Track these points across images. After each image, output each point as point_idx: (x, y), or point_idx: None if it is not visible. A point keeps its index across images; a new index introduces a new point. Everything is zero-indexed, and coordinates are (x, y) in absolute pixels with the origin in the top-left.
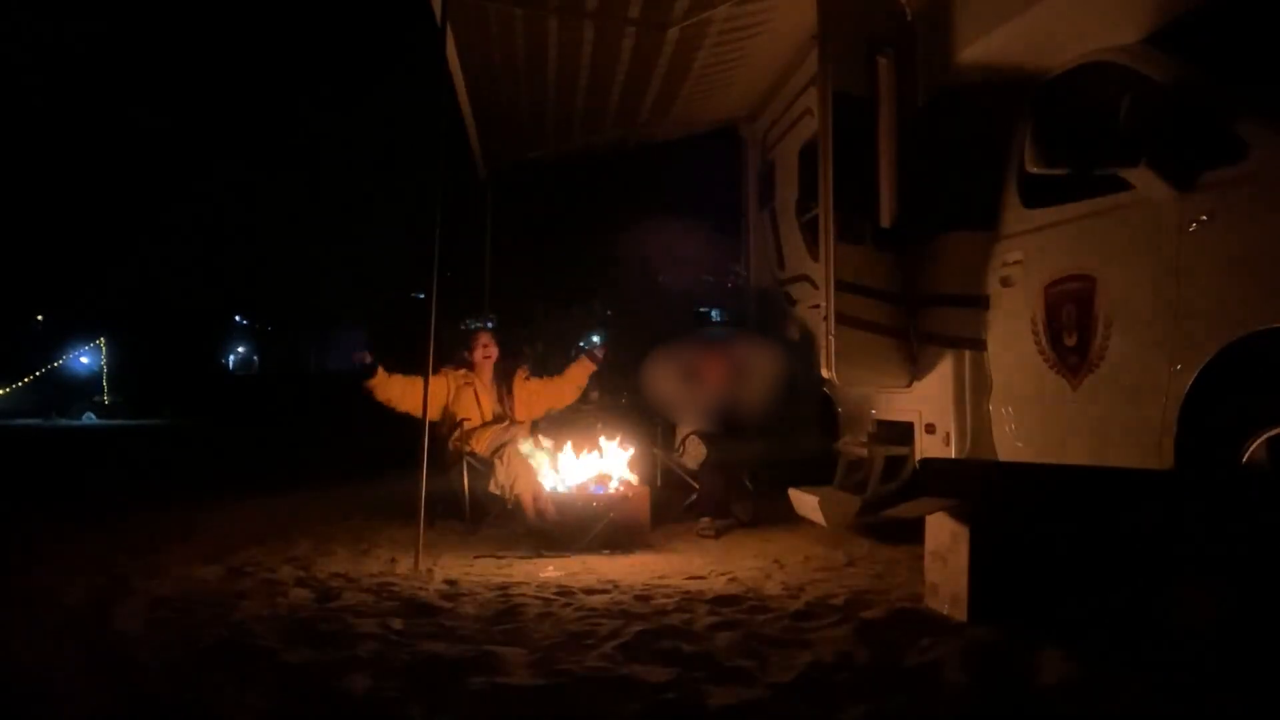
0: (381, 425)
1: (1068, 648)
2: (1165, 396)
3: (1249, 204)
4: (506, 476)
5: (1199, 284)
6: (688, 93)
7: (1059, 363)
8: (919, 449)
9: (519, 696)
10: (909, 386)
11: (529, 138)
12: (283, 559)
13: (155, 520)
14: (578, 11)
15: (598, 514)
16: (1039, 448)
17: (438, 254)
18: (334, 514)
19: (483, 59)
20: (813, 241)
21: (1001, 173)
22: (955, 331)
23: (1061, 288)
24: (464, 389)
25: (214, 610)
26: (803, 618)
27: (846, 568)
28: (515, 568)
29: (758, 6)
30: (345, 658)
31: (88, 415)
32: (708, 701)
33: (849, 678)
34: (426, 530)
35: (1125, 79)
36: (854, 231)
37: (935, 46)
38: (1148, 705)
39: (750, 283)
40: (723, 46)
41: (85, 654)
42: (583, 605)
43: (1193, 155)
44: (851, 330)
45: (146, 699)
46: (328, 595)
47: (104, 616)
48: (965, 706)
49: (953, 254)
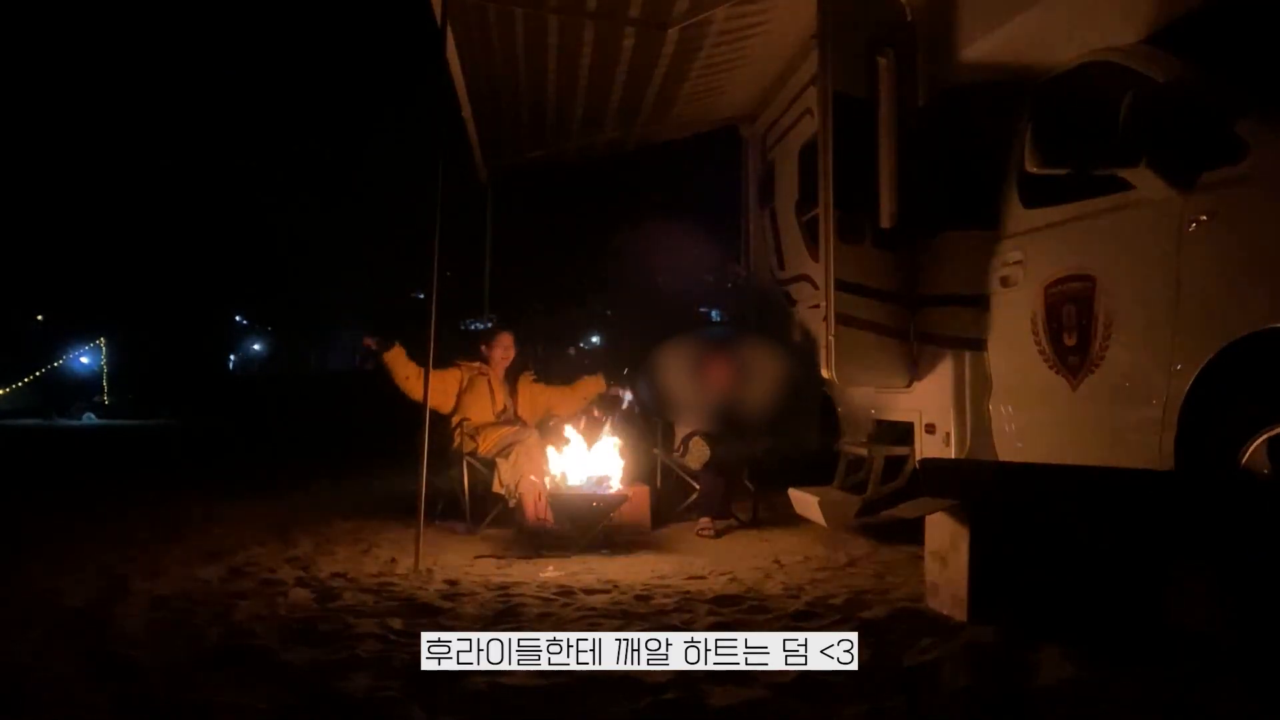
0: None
1: (1068, 648)
2: (1165, 396)
3: (1249, 204)
4: (511, 476)
5: (1199, 284)
6: (688, 93)
7: (1059, 363)
8: (919, 449)
9: (519, 696)
10: (909, 386)
11: (529, 138)
12: (283, 559)
13: (155, 520)
14: (578, 11)
15: (598, 514)
16: (1039, 448)
17: (438, 254)
18: (334, 514)
19: (483, 59)
20: (813, 241)
21: (1001, 173)
22: (955, 331)
23: (1061, 288)
24: (478, 378)
25: (214, 610)
26: (803, 618)
27: (846, 568)
28: (515, 568)
29: (758, 7)
30: (345, 658)
31: (88, 415)
32: (708, 701)
33: (849, 678)
34: (426, 530)
35: (1125, 79)
36: (854, 231)
37: (935, 46)
38: (1148, 705)
39: (750, 283)
40: (723, 47)
41: (85, 654)
42: (583, 605)
43: (1193, 155)
44: (851, 330)
45: (146, 699)
46: (328, 595)
47: (104, 616)
48: (965, 706)
49: (953, 254)
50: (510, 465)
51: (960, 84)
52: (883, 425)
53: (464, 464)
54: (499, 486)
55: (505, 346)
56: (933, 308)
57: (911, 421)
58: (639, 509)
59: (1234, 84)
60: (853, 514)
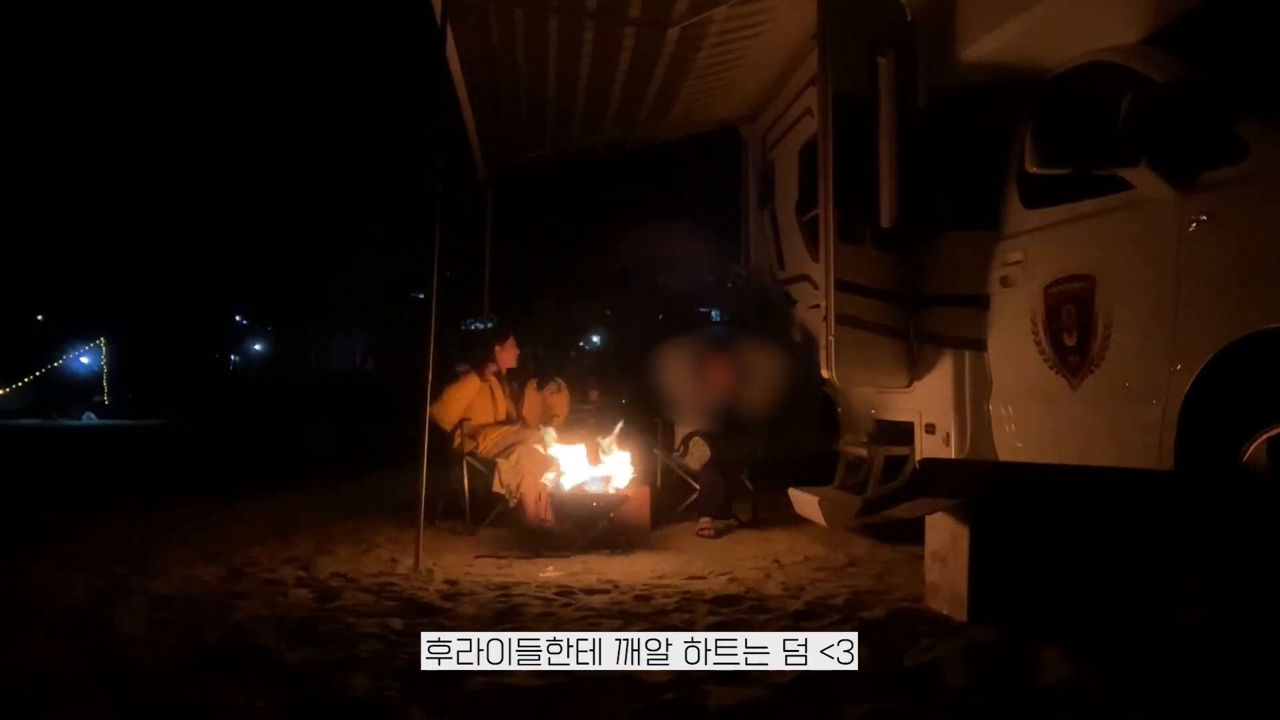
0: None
1: (1068, 648)
2: (1165, 396)
3: (1249, 204)
4: (512, 477)
5: (1199, 284)
6: (688, 93)
7: (1059, 362)
8: (919, 449)
9: (519, 696)
10: (909, 386)
11: (529, 138)
12: (283, 559)
13: (155, 520)
14: (578, 11)
15: (598, 514)
16: (1039, 448)
17: (438, 254)
18: (334, 514)
19: (483, 59)
20: (813, 241)
21: (1001, 173)
22: (955, 331)
23: (1061, 288)
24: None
25: (214, 610)
26: (803, 618)
27: (846, 568)
28: (515, 568)
29: (758, 7)
30: (345, 658)
31: (88, 415)
32: (708, 701)
33: (849, 678)
34: (426, 530)
35: (1125, 79)
36: (854, 231)
37: (935, 46)
38: (1148, 705)
39: (750, 283)
40: (723, 47)
41: (85, 654)
42: (583, 605)
43: (1193, 155)
44: (851, 330)
45: (146, 699)
46: (328, 595)
47: (104, 616)
48: (965, 706)
49: (953, 254)
50: (511, 465)
51: (960, 84)
52: (883, 425)
53: (464, 464)
54: (499, 486)
55: (514, 349)
56: (933, 308)
57: (911, 421)
58: (639, 509)
59: (1234, 84)
60: (853, 514)
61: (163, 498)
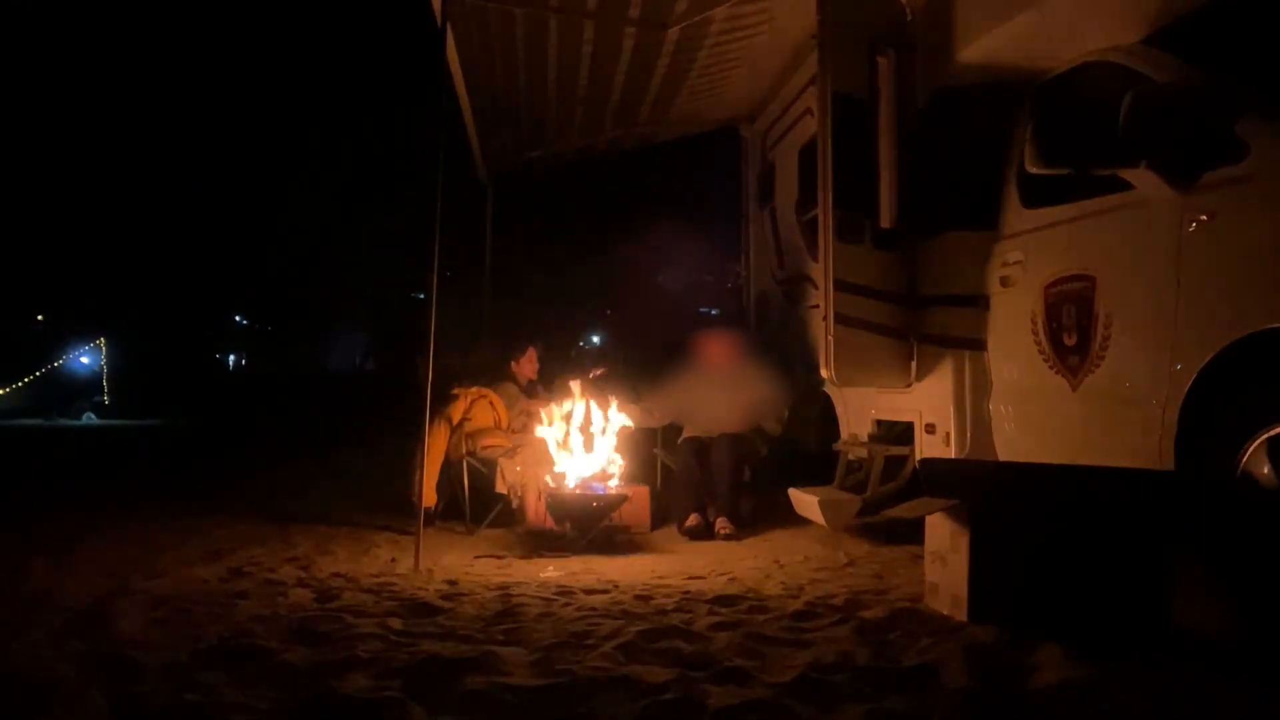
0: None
1: (1068, 648)
2: (1165, 396)
3: (1249, 204)
4: (517, 476)
5: (1199, 284)
6: (688, 93)
7: (1059, 362)
8: (919, 449)
9: (519, 696)
10: (909, 386)
11: (529, 138)
12: (283, 559)
13: (155, 519)
14: (578, 11)
15: (598, 514)
16: (1039, 448)
17: (438, 254)
18: (334, 514)
19: (483, 59)
20: (813, 241)
21: (1001, 173)
22: (955, 331)
23: (1061, 288)
24: (478, 402)
25: (214, 610)
26: (802, 618)
27: (846, 568)
28: (515, 568)
29: (758, 6)
30: (345, 658)
31: (88, 415)
32: (708, 701)
33: (849, 678)
34: (426, 530)
35: (1125, 79)
36: (854, 231)
37: (935, 46)
38: (1148, 705)
39: (750, 283)
40: (723, 46)
41: (85, 654)
42: (583, 605)
43: (1193, 155)
44: (851, 330)
45: (146, 699)
46: (328, 595)
47: (104, 616)
48: (965, 706)
49: (953, 254)
50: (515, 465)
51: (960, 84)
52: (883, 425)
53: (464, 464)
54: (502, 486)
55: (532, 359)
56: (933, 308)
57: (911, 421)
58: (639, 509)
59: (1234, 84)
60: (853, 514)
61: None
